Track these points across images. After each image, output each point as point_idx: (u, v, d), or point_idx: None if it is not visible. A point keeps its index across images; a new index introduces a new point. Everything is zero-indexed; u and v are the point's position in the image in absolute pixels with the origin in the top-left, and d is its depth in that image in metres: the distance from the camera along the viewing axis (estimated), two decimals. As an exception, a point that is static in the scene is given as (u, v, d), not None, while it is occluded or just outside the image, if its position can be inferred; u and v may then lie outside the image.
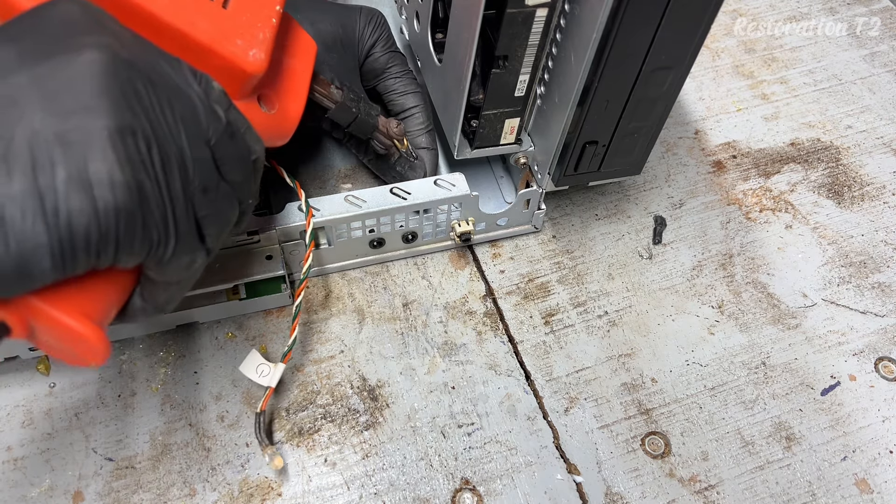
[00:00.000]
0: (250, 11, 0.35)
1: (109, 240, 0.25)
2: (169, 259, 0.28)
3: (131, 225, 0.25)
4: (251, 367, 0.42)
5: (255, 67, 0.34)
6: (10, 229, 0.23)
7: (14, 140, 0.23)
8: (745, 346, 0.48)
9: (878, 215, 0.55)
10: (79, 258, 0.24)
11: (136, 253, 0.26)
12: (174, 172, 0.27)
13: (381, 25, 0.50)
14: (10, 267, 0.23)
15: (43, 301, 0.26)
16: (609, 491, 0.41)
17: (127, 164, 0.25)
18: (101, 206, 0.24)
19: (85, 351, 0.28)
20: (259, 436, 0.41)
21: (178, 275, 0.30)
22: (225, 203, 0.30)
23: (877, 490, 0.42)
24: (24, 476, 0.40)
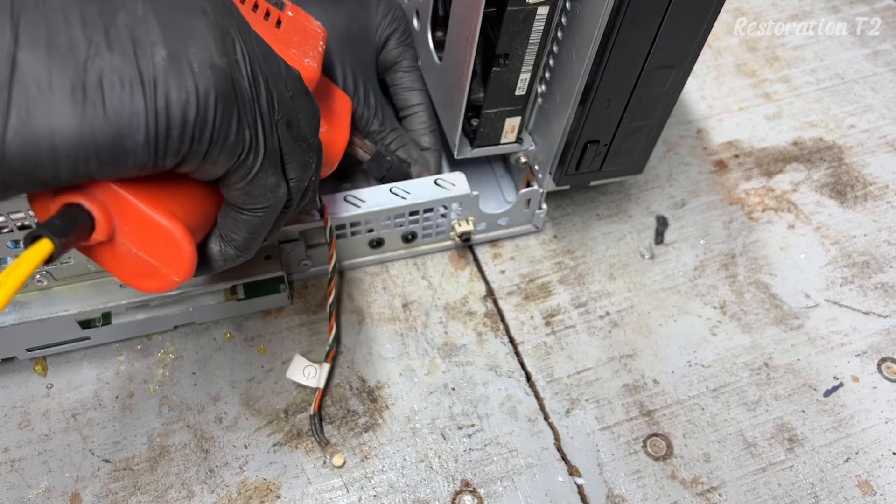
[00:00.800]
0: (299, 35, 0.39)
1: (207, 123, 0.24)
2: (257, 172, 0.27)
3: (228, 113, 0.25)
4: (297, 370, 0.43)
5: (310, 72, 0.37)
6: (108, 96, 0.22)
7: (116, 21, 0.23)
8: (747, 347, 0.47)
9: (881, 215, 0.55)
10: (172, 138, 0.24)
11: (228, 150, 0.26)
12: (262, 90, 0.27)
13: (399, 18, 0.50)
14: (105, 135, 0.23)
15: (132, 194, 0.25)
16: (611, 493, 0.41)
17: (225, 56, 0.25)
18: (202, 85, 0.24)
19: (170, 256, 0.27)
20: (317, 436, 0.42)
21: (265, 197, 0.29)
22: (304, 150, 0.30)
23: (879, 492, 0.42)
24: (22, 478, 0.40)
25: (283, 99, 0.28)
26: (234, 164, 0.26)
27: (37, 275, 0.40)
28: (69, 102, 0.22)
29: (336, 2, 0.47)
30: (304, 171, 0.30)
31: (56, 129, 0.22)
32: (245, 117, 0.26)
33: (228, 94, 0.25)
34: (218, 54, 0.25)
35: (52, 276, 0.41)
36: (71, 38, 0.22)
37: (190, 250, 0.27)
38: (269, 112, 0.27)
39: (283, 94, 0.28)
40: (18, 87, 0.22)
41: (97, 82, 0.22)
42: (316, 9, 0.45)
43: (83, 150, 0.22)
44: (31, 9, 0.22)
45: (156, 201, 0.26)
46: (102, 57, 0.23)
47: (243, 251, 0.31)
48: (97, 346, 0.45)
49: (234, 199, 0.29)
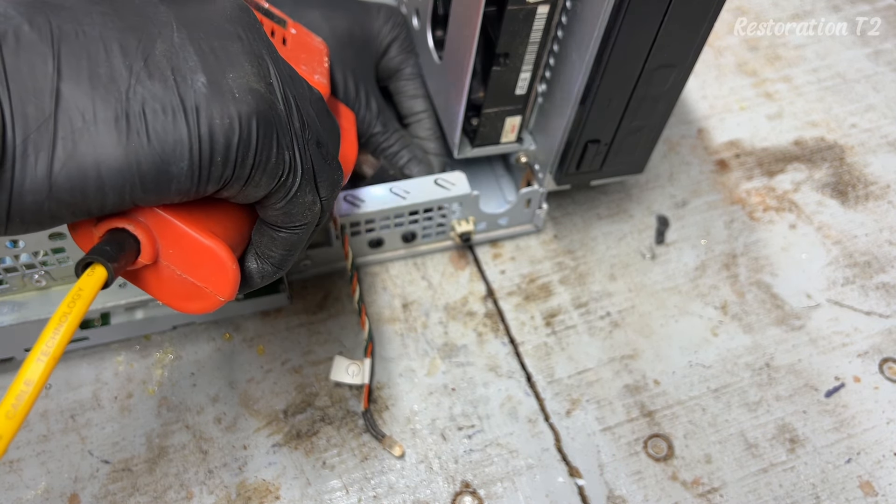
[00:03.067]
0: (306, 52, 0.39)
1: (250, 147, 0.24)
2: (296, 192, 0.27)
3: (269, 137, 0.25)
4: (341, 370, 0.43)
5: (321, 89, 0.37)
6: (152, 124, 0.23)
7: (154, 51, 0.24)
8: (748, 348, 0.47)
9: (883, 215, 0.54)
10: (216, 164, 0.24)
11: (270, 172, 0.26)
12: (294, 112, 0.27)
13: (400, 24, 0.49)
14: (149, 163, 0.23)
15: (174, 217, 0.26)
16: (611, 494, 0.41)
17: (262, 80, 0.25)
18: (244, 111, 0.24)
19: (214, 276, 0.27)
20: (372, 431, 0.42)
21: (302, 215, 0.29)
22: (333, 168, 0.30)
23: (881, 493, 0.41)
24: (20, 479, 0.40)
25: (311, 119, 0.29)
26: (275, 185, 0.27)
27: (35, 275, 0.40)
28: (114, 132, 0.22)
29: (337, 6, 0.47)
30: (334, 188, 0.30)
31: (102, 159, 0.22)
32: (283, 139, 0.26)
33: (268, 117, 0.25)
34: (255, 79, 0.25)
35: (51, 276, 0.41)
36: (112, 68, 0.23)
37: (234, 269, 0.27)
38: (301, 132, 0.28)
39: (310, 114, 0.29)
40: (63, 119, 0.22)
41: (140, 111, 0.23)
42: (316, 13, 0.45)
43: (129, 179, 0.23)
44: (71, 39, 0.22)
45: (197, 223, 0.26)
46: (144, 86, 0.23)
47: (280, 268, 0.31)
48: (96, 346, 0.45)
49: (273, 219, 0.29)
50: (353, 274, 0.44)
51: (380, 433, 0.42)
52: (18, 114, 0.21)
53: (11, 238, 0.37)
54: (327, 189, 0.30)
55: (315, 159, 0.28)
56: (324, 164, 0.29)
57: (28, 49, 0.22)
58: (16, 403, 0.20)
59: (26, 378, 0.20)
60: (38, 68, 0.22)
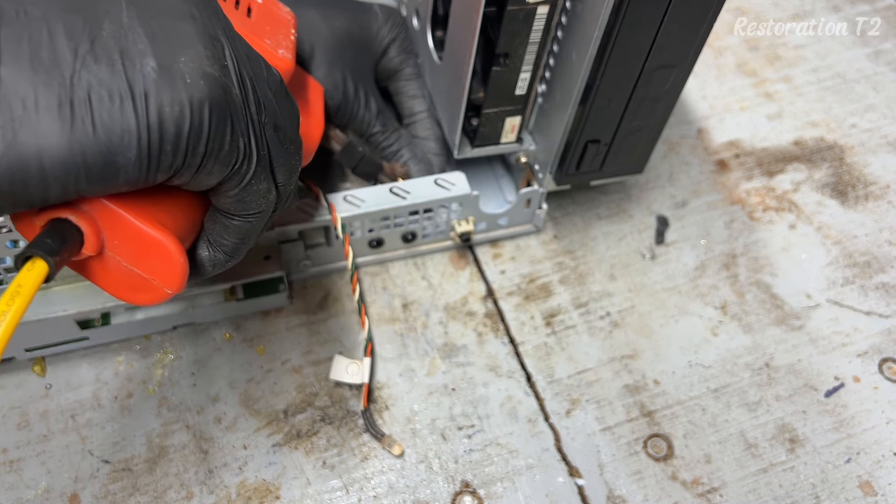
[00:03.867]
0: (271, 25, 0.37)
1: (201, 135, 0.23)
2: (250, 179, 0.27)
3: (222, 123, 0.24)
4: (341, 370, 0.43)
5: (285, 65, 0.36)
6: (98, 112, 0.22)
7: (102, 32, 0.22)
8: (748, 348, 0.47)
9: (883, 215, 0.54)
10: (165, 153, 0.23)
11: (223, 160, 0.25)
12: (251, 95, 0.26)
13: (399, 25, 0.49)
14: (95, 153, 0.22)
15: (120, 207, 0.25)
16: (611, 494, 0.41)
17: (216, 63, 0.24)
18: (196, 96, 0.23)
19: (161, 267, 0.26)
20: (371, 430, 0.42)
21: (256, 203, 0.28)
22: (291, 152, 0.29)
23: (881, 492, 0.41)
24: (20, 478, 0.40)
25: (268, 101, 0.28)
26: (229, 173, 0.26)
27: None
28: (57, 120, 0.21)
29: (336, 6, 0.47)
30: (291, 173, 0.30)
31: (44, 149, 0.21)
32: (238, 125, 0.25)
33: (222, 102, 0.24)
34: (209, 62, 0.24)
35: (51, 277, 0.41)
36: (55, 50, 0.22)
37: (182, 261, 0.26)
38: (258, 117, 0.26)
39: (268, 97, 0.28)
40: (2, 106, 0.21)
41: (85, 98, 0.21)
42: (315, 13, 0.45)
43: (73, 169, 0.22)
44: (11, 20, 0.21)
45: (144, 212, 0.25)
46: (90, 70, 0.22)
47: (233, 256, 0.30)
48: (96, 346, 0.45)
49: (226, 206, 0.28)
50: (354, 273, 0.44)
51: (379, 432, 0.42)
52: None
53: (12, 238, 0.37)
54: (284, 175, 0.29)
55: (272, 144, 0.27)
56: (281, 150, 0.28)
57: None
58: None
59: None
60: None
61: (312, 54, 0.45)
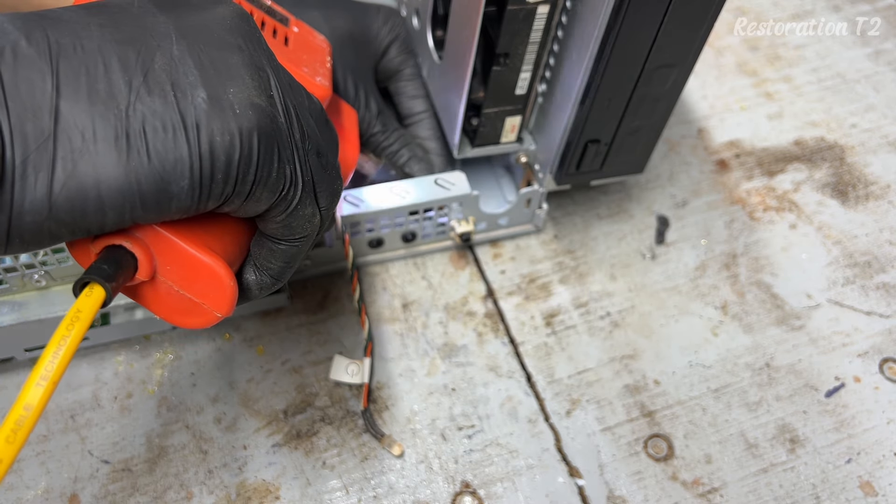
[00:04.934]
0: (308, 52, 0.38)
1: (251, 163, 0.24)
2: (296, 205, 0.27)
3: (270, 152, 0.25)
4: (341, 369, 0.43)
5: (322, 91, 0.37)
6: (152, 142, 0.22)
7: (154, 65, 0.23)
8: (748, 348, 0.47)
9: (883, 215, 0.54)
10: (216, 181, 0.24)
11: (271, 187, 0.25)
12: (295, 123, 0.27)
13: (399, 25, 0.50)
14: (150, 182, 0.22)
15: (172, 233, 0.25)
16: (611, 494, 0.41)
17: (263, 94, 0.25)
18: (245, 126, 0.24)
19: (212, 292, 0.27)
20: (371, 430, 0.42)
21: (302, 228, 0.28)
22: (333, 177, 0.30)
23: (881, 493, 0.41)
24: (20, 479, 0.40)
25: (311, 128, 0.28)
26: (276, 199, 0.26)
27: (35, 275, 0.40)
28: (114, 151, 0.22)
29: (336, 7, 0.47)
30: (333, 198, 0.30)
31: (102, 179, 0.22)
32: (284, 153, 0.26)
33: (269, 131, 0.25)
34: (256, 93, 0.25)
35: (51, 276, 0.41)
36: (111, 83, 0.22)
37: (232, 286, 0.27)
38: (302, 144, 0.27)
39: (310, 124, 0.28)
40: (62, 138, 0.21)
41: (140, 129, 0.22)
42: (316, 14, 0.45)
43: (129, 198, 0.22)
44: (69, 54, 0.22)
45: (195, 239, 0.26)
46: (143, 102, 0.23)
47: (279, 279, 0.31)
48: (96, 346, 0.45)
49: (273, 231, 0.28)
50: (354, 273, 0.44)
51: (379, 432, 0.42)
52: (18, 133, 0.21)
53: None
54: (327, 199, 0.29)
55: (315, 170, 0.28)
56: (323, 175, 0.29)
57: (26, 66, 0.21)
58: (15, 428, 0.20)
59: (26, 403, 0.20)
60: (37, 86, 0.21)
61: None
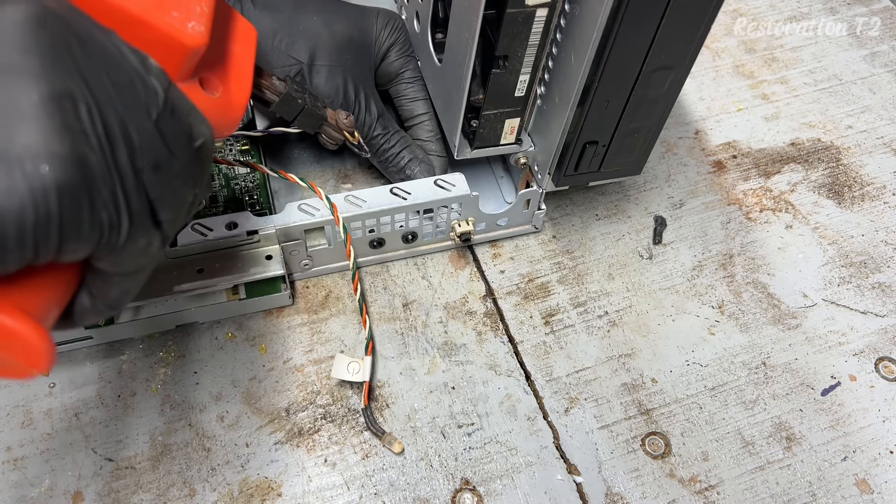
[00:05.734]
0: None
1: (51, 226, 0.20)
2: (123, 244, 0.24)
3: (76, 206, 0.21)
4: (342, 368, 0.43)
5: (195, 41, 0.31)
6: None
7: None
8: (745, 347, 0.48)
9: (879, 215, 0.55)
10: (9, 251, 0.20)
11: (84, 239, 0.22)
12: (119, 144, 0.23)
13: (399, 29, 0.50)
14: None
15: None
16: (609, 491, 0.41)
17: (66, 134, 0.21)
18: (38, 186, 0.20)
19: (24, 354, 0.24)
20: (372, 428, 0.42)
21: (135, 262, 0.25)
22: (179, 183, 0.26)
23: (877, 490, 0.42)
24: (24, 476, 0.40)
25: (146, 137, 0.24)
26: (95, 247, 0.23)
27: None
28: None
29: (336, 12, 0.48)
30: (180, 207, 0.26)
31: None
32: (99, 198, 0.22)
33: (74, 182, 0.21)
34: (56, 136, 0.20)
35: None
36: None
37: (44, 347, 0.24)
38: (129, 168, 0.23)
39: (145, 131, 0.24)
40: None
41: None
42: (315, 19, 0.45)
43: None
44: None
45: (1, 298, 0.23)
46: None
47: (116, 306, 0.28)
48: (99, 345, 0.45)
49: (103, 268, 0.25)
50: (355, 273, 0.44)
51: (379, 430, 0.42)
52: None
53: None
54: (171, 211, 0.26)
55: (151, 189, 0.24)
56: (164, 190, 0.25)
57: None
58: None
59: None
60: None
61: (314, 59, 0.45)
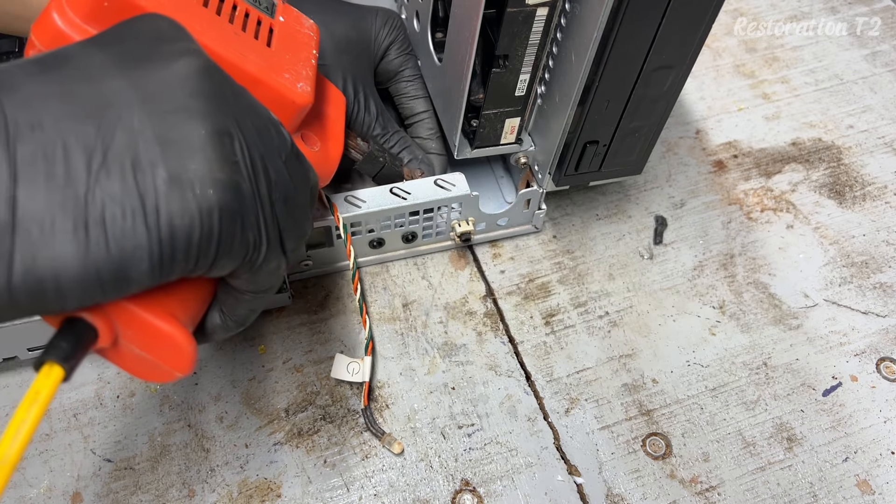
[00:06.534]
0: (291, 51, 0.36)
1: (212, 241, 0.24)
2: (261, 264, 0.27)
3: (232, 225, 0.25)
4: (341, 368, 0.44)
5: (303, 99, 0.35)
6: (111, 231, 0.22)
7: (114, 141, 0.23)
8: (746, 347, 0.47)
9: (880, 215, 0.55)
10: (177, 261, 0.24)
11: (234, 256, 0.26)
12: (262, 178, 0.27)
13: (398, 27, 0.50)
14: (109, 270, 0.22)
15: (132, 303, 0.25)
16: (610, 492, 0.41)
17: (226, 164, 0.25)
18: (205, 206, 0.24)
19: (172, 356, 0.27)
20: (372, 429, 0.42)
21: (267, 281, 0.29)
22: (301, 217, 0.30)
23: (878, 491, 0.42)
24: (23, 477, 0.40)
25: (279, 175, 0.28)
26: (240, 264, 0.26)
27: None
28: (72, 242, 0.22)
29: (334, 12, 0.48)
30: (300, 239, 0.30)
31: (61, 270, 0.22)
32: (248, 220, 0.26)
33: (231, 206, 0.25)
34: (218, 165, 0.24)
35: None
36: (69, 166, 0.22)
37: (190, 352, 0.27)
38: (268, 198, 0.27)
39: (279, 170, 0.28)
40: (20, 229, 0.21)
41: (100, 217, 0.22)
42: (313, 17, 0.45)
43: (88, 286, 0.22)
44: (26, 136, 0.22)
45: (155, 305, 0.26)
46: (102, 186, 0.22)
47: (243, 324, 0.32)
48: (98, 345, 0.45)
49: (238, 285, 0.29)
50: (355, 273, 0.44)
51: (379, 431, 0.42)
52: None
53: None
54: (293, 241, 0.29)
55: (282, 219, 0.28)
56: (290, 221, 0.29)
57: None
58: None
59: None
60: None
61: None
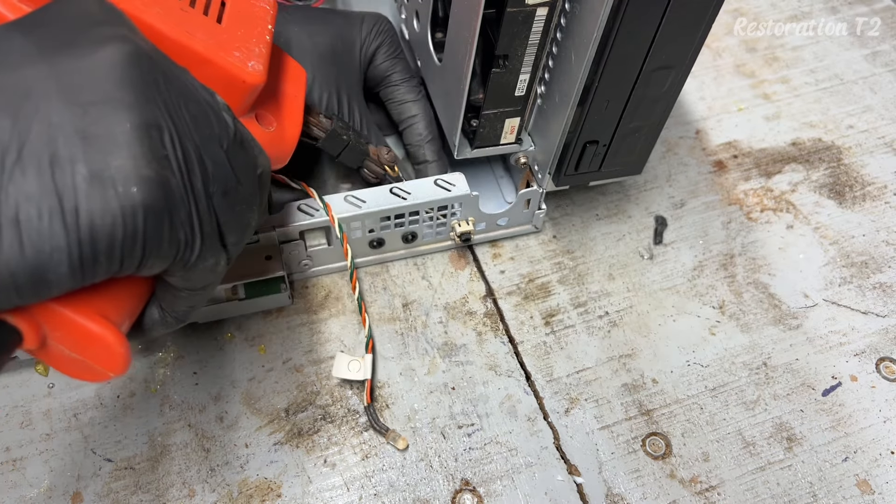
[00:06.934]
0: (244, 27, 0.35)
1: (136, 241, 0.23)
2: (195, 262, 0.26)
3: (159, 224, 0.23)
4: (342, 367, 0.43)
5: (255, 78, 0.34)
6: (26, 231, 0.21)
7: (30, 136, 0.21)
8: (746, 347, 0.47)
9: (880, 215, 0.55)
10: (100, 263, 0.22)
11: (163, 255, 0.24)
12: (196, 171, 0.25)
13: (384, 31, 0.49)
14: (25, 273, 0.21)
15: (57, 303, 0.24)
16: (610, 492, 0.41)
17: (153, 160, 0.23)
18: (128, 205, 0.22)
19: (103, 357, 0.26)
20: (375, 426, 0.42)
21: (203, 279, 0.28)
22: (244, 208, 0.29)
23: (878, 491, 0.42)
24: (23, 477, 0.40)
25: (218, 165, 0.26)
26: (171, 263, 0.25)
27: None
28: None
29: (319, 22, 0.47)
30: (244, 230, 0.29)
31: None
32: (178, 217, 0.24)
33: (158, 204, 0.23)
34: (144, 161, 0.23)
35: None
36: None
37: (123, 351, 0.26)
38: (203, 192, 0.26)
39: (218, 160, 0.26)
40: None
41: (13, 217, 0.21)
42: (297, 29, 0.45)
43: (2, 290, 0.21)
44: None
45: (84, 304, 0.25)
46: (17, 184, 0.21)
47: (184, 319, 0.31)
48: (98, 345, 0.45)
49: (174, 283, 0.28)
50: (353, 273, 0.44)
51: (383, 427, 0.42)
52: None
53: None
54: (236, 234, 0.28)
55: (221, 212, 0.27)
56: (231, 214, 0.27)
57: None
58: None
59: None
60: None
61: None
